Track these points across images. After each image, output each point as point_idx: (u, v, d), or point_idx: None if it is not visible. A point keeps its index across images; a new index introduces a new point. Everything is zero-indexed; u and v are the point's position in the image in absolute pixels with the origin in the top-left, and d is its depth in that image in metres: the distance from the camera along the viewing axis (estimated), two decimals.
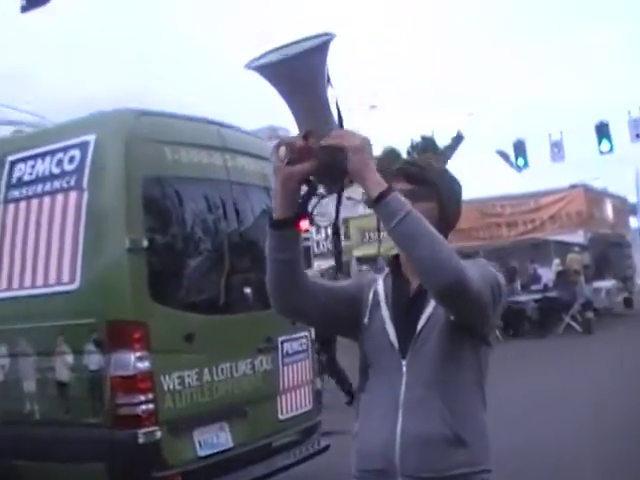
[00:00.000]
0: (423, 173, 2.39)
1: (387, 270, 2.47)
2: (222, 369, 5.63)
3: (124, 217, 5.24)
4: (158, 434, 5.10)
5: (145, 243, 5.20)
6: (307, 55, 2.00)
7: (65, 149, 5.55)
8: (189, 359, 5.41)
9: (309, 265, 31.32)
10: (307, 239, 29.73)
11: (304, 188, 2.21)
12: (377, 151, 70.32)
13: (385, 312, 2.35)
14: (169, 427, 5.20)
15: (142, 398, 5.07)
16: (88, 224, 5.29)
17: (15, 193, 5.77)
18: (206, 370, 5.51)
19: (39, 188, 5.62)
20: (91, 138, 5.45)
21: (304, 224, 2.43)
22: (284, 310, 2.38)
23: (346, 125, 2.16)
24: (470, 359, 2.29)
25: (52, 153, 5.62)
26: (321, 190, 2.26)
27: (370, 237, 21.65)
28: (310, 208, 2.25)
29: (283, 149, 2.10)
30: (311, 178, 2.18)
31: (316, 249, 23.91)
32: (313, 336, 6.89)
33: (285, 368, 6.26)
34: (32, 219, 5.63)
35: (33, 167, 5.70)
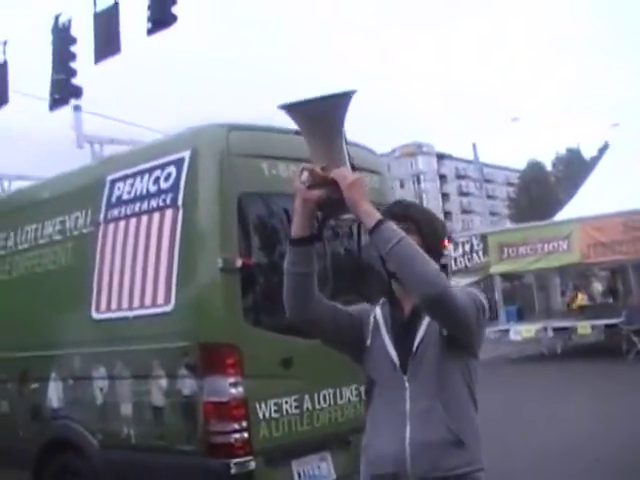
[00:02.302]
0: (404, 211, 2.73)
1: (383, 299, 2.78)
2: (324, 396, 5.31)
3: (218, 236, 5.03)
4: (252, 464, 4.82)
5: (239, 263, 4.96)
6: (330, 101, 2.31)
7: (162, 166, 5.41)
8: (287, 385, 5.12)
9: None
10: (445, 256, 29.12)
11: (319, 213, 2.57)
12: (521, 164, 69.04)
13: (385, 335, 2.66)
14: (265, 457, 4.93)
15: (235, 426, 4.82)
16: (182, 243, 5.12)
17: (114, 212, 5.67)
18: (306, 397, 5.20)
19: (137, 207, 5.50)
20: (186, 154, 5.28)
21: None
22: (296, 318, 2.66)
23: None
24: (462, 370, 2.61)
25: (150, 171, 5.50)
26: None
27: (509, 254, 20.71)
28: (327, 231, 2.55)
29: (306, 174, 2.43)
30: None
31: (454, 266, 23.17)
32: None
33: None
34: (130, 239, 5.51)
35: (132, 185, 5.60)
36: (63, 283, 6.09)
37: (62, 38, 13.14)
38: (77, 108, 8.62)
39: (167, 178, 5.34)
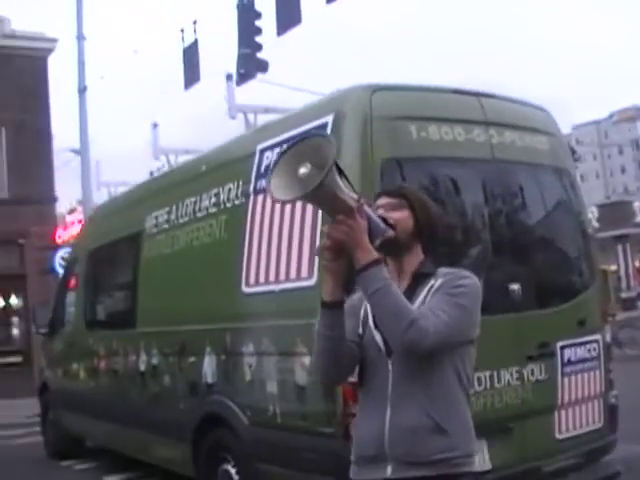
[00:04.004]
0: (397, 189, 2.85)
1: None
2: (478, 379, 4.81)
3: None
4: None
5: None
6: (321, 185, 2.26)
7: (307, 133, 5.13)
8: None
9: None
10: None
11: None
12: None
13: (372, 321, 2.64)
14: None
15: None
16: (325, 213, 4.80)
17: (263, 183, 5.47)
18: None
19: None
20: (329, 119, 4.98)
21: None
22: (333, 382, 3.06)
23: None
24: (451, 355, 2.57)
25: (295, 138, 5.22)
26: None
27: None
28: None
29: (327, 253, 2.46)
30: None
31: None
32: (608, 339, 5.82)
33: (565, 379, 5.26)
34: (277, 210, 5.29)
35: None
36: (217, 256, 6.00)
37: (247, 13, 13.24)
38: (228, 78, 8.49)
39: None
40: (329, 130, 4.91)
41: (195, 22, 14.29)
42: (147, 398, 6.93)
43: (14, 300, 20.17)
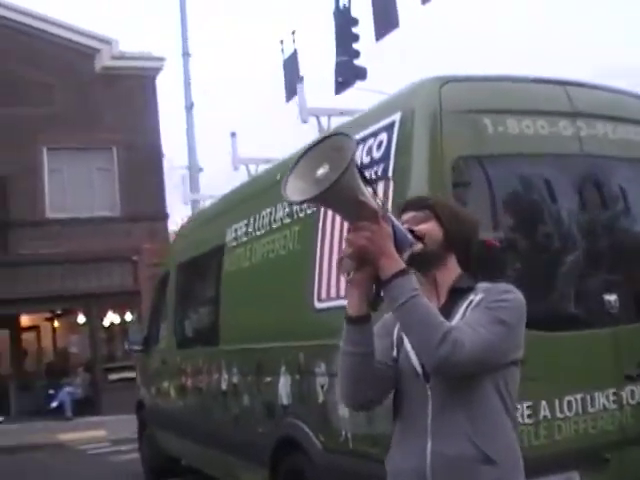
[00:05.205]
0: (421, 201, 2.64)
1: None
2: (569, 402, 4.28)
3: None
4: None
5: None
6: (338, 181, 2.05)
7: (375, 134, 4.79)
8: (518, 389, 4.18)
9: None
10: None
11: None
12: None
13: (408, 343, 2.41)
14: None
15: None
16: None
17: None
18: (543, 403, 4.19)
19: None
20: (396, 117, 4.59)
21: None
22: (359, 407, 2.55)
23: None
24: (495, 380, 2.36)
25: (364, 140, 4.87)
26: None
27: None
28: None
29: (347, 262, 2.27)
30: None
31: None
32: None
33: None
34: None
35: None
36: (291, 270, 5.68)
37: (344, 20, 12.98)
38: (299, 80, 8.19)
39: (379, 147, 4.70)
40: (396, 129, 4.55)
41: (294, 32, 14.13)
42: (229, 419, 6.68)
43: (129, 316, 20.53)
